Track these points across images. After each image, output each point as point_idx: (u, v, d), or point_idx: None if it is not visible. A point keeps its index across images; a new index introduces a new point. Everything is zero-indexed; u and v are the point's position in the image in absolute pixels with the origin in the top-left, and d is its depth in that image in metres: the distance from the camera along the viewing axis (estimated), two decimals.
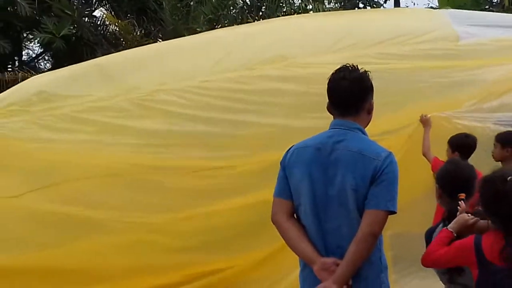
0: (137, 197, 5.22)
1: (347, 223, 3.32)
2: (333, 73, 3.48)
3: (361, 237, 3.25)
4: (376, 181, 3.28)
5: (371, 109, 3.50)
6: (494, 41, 5.93)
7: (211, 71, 5.42)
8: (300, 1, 19.91)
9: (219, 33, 7.26)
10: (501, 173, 3.45)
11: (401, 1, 23.67)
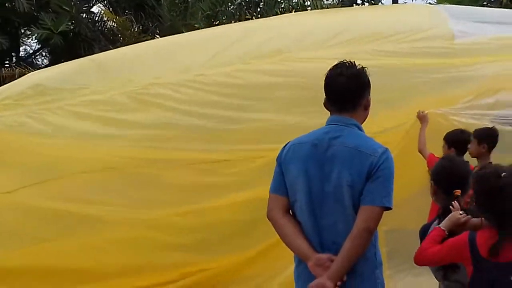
0: (133, 192, 5.22)
1: (343, 219, 3.31)
2: (330, 69, 3.47)
3: (357, 233, 3.24)
4: (372, 177, 3.27)
5: (368, 105, 3.49)
6: (490, 40, 5.95)
7: (206, 65, 5.43)
8: None
9: (216, 30, 7.27)
10: (494, 169, 3.45)
11: None
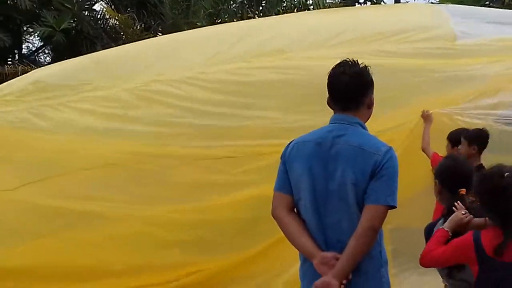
0: (134, 188, 5.22)
1: (347, 217, 3.31)
2: (333, 68, 3.46)
3: (361, 232, 3.24)
4: (376, 175, 3.27)
5: (371, 104, 3.49)
6: (491, 41, 5.92)
7: (208, 63, 5.43)
8: None
9: (218, 28, 7.28)
10: (498, 169, 3.43)
11: None
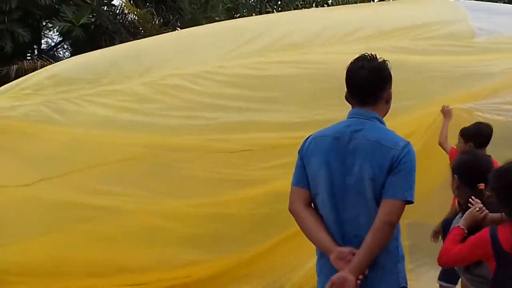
0: (151, 183, 5.23)
1: (364, 212, 3.30)
2: (352, 62, 3.46)
3: (378, 226, 3.23)
4: (393, 170, 3.25)
5: (389, 99, 3.48)
6: (508, 39, 5.86)
7: (226, 57, 5.43)
8: None
9: (237, 23, 7.27)
10: None
11: None
